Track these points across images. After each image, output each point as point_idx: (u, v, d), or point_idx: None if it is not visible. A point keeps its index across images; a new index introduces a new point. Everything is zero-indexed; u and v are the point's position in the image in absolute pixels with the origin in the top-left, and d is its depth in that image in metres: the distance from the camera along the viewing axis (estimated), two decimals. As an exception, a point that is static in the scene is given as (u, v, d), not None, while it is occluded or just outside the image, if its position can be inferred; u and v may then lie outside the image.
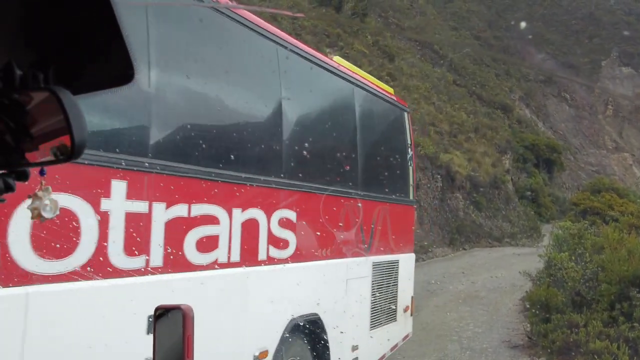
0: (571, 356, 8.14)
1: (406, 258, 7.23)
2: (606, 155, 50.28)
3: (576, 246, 12.08)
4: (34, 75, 0.86)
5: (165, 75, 3.44)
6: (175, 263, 3.38)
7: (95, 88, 0.90)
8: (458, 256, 19.74)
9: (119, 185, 3.01)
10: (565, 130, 48.99)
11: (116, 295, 3.04)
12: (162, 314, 1.48)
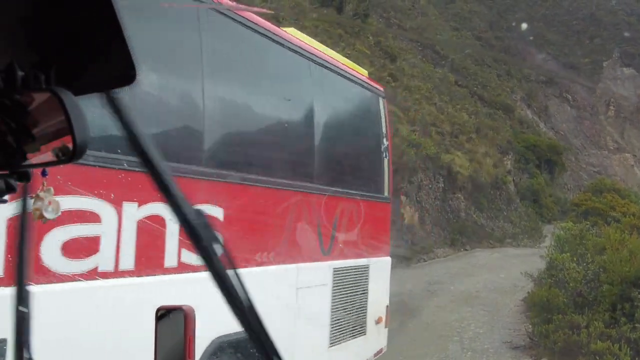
0: (573, 357, 8.14)
1: (379, 262, 6.29)
2: (608, 156, 50.19)
3: (578, 247, 12.11)
4: (36, 75, 0.86)
5: None
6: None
7: (96, 89, 0.90)
8: (459, 257, 19.73)
9: None
10: (566, 130, 48.93)
11: None
12: (164, 315, 1.48)
